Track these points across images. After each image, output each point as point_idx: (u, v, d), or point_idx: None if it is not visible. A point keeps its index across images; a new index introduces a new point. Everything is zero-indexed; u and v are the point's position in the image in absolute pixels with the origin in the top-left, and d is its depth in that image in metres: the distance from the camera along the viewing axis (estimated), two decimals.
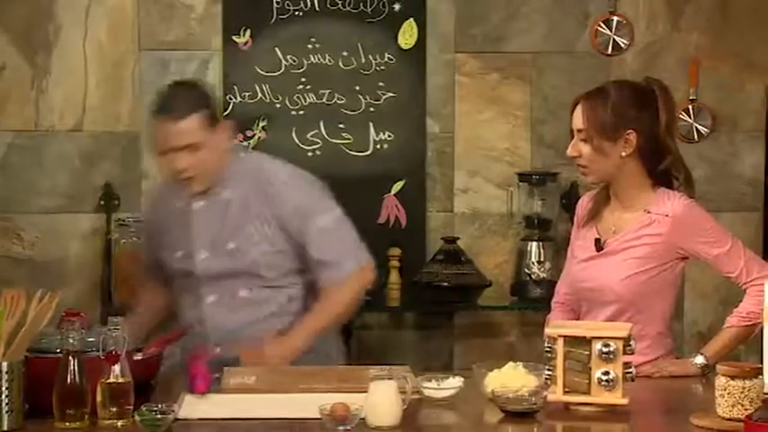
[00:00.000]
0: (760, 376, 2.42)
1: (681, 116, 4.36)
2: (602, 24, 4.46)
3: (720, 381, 2.43)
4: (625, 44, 4.47)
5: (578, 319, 3.08)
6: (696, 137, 4.46)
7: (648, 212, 3.00)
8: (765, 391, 2.37)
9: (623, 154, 2.98)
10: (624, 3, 4.47)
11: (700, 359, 2.96)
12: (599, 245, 3.05)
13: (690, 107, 4.45)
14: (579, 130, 2.98)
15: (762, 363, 2.46)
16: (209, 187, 3.16)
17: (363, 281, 3.22)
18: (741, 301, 3.00)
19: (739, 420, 2.34)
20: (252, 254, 3.14)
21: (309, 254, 3.16)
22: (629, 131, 2.96)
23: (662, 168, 3.02)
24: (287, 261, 3.18)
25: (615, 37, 4.46)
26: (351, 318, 3.41)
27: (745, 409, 2.36)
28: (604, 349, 2.54)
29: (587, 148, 2.98)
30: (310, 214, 3.16)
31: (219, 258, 3.16)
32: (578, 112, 3.00)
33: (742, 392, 2.39)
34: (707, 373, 2.91)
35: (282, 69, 4.42)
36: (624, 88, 3.02)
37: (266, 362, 2.99)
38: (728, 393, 2.41)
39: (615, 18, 4.46)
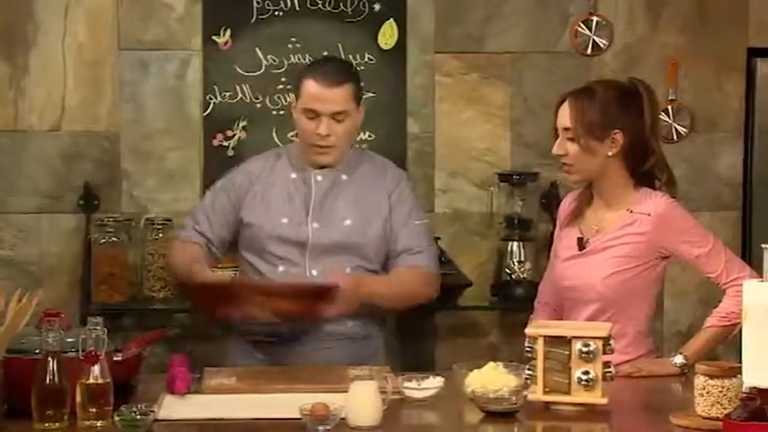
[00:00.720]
0: (739, 375, 2.43)
1: (660, 116, 4.37)
2: (582, 25, 4.47)
3: (699, 380, 2.44)
4: (604, 44, 4.48)
5: (561, 319, 3.09)
6: (675, 137, 4.48)
7: (631, 212, 3.01)
8: (744, 390, 2.38)
9: (609, 153, 2.99)
10: (603, 3, 4.49)
11: (679, 359, 2.97)
12: (581, 244, 3.06)
13: (669, 107, 4.47)
14: (566, 129, 2.99)
15: (740, 362, 2.48)
16: (336, 162, 3.23)
17: (432, 288, 3.30)
18: (721, 301, 3.01)
19: (718, 419, 2.35)
20: (368, 233, 3.20)
21: (399, 243, 3.23)
22: (615, 131, 2.98)
23: (645, 168, 3.04)
24: (383, 248, 3.23)
25: (595, 37, 4.47)
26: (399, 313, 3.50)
27: (724, 409, 2.38)
28: (584, 349, 2.55)
29: (574, 147, 2.98)
30: (414, 210, 3.29)
31: (332, 232, 3.19)
32: (565, 110, 3.00)
33: (721, 392, 2.41)
34: (686, 372, 2.92)
35: (263, 69, 4.41)
36: (611, 88, 3.03)
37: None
38: (708, 392, 2.42)
39: (595, 18, 4.47)
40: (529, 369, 2.60)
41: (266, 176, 3.28)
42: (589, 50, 4.48)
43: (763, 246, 2.50)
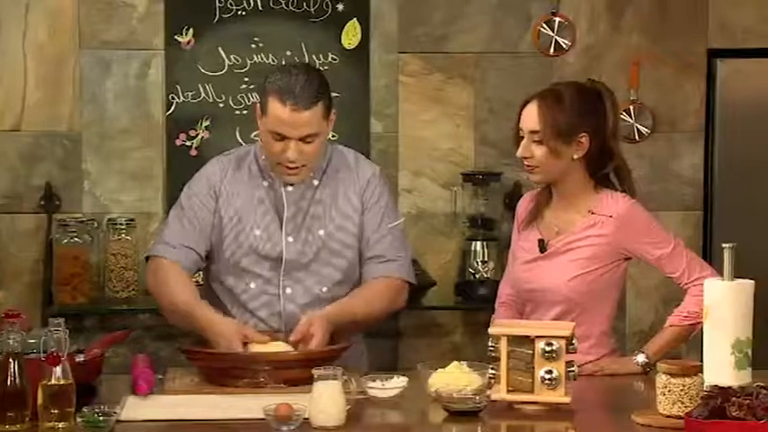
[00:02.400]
0: (700, 374, 2.45)
1: (622, 116, 4.40)
2: (545, 25, 4.49)
3: (661, 379, 2.46)
4: (567, 45, 4.50)
5: (522, 319, 3.10)
6: (637, 137, 4.51)
7: (592, 213, 3.02)
8: (705, 388, 2.40)
9: (575, 156, 3.00)
10: (565, 4, 4.51)
11: (641, 357, 2.99)
12: (542, 246, 3.07)
13: (630, 107, 4.49)
14: (533, 132, 2.99)
15: (702, 361, 2.50)
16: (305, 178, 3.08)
17: (403, 297, 3.16)
18: (682, 300, 3.03)
19: (680, 417, 2.37)
20: (345, 240, 3.08)
21: (371, 250, 3.10)
22: (582, 135, 2.99)
23: (606, 171, 3.05)
24: (354, 258, 3.12)
25: (557, 38, 4.49)
26: (373, 328, 3.27)
27: (686, 407, 2.39)
28: (547, 348, 2.56)
29: (541, 149, 2.99)
30: (388, 211, 3.15)
31: (307, 246, 3.07)
32: (532, 113, 3.00)
33: (682, 390, 2.43)
34: (648, 371, 2.94)
35: (225, 69, 4.40)
36: (577, 91, 3.03)
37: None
38: (669, 391, 2.44)
39: (557, 19, 4.49)
40: (492, 368, 2.61)
41: (232, 185, 3.10)
42: (551, 51, 4.50)
43: (724, 245, 2.52)
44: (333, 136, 4.39)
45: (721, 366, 2.46)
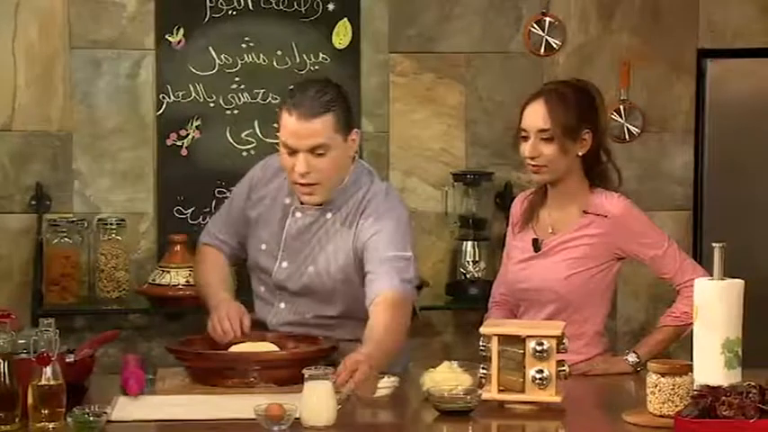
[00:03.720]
0: (690, 373, 2.46)
1: (612, 116, 4.41)
2: (535, 25, 4.50)
3: (651, 378, 2.46)
4: (557, 45, 4.50)
5: (516, 319, 3.10)
6: (627, 137, 4.51)
7: (587, 213, 3.03)
8: (695, 387, 2.41)
9: (580, 153, 3.01)
10: (556, 4, 4.51)
11: (632, 357, 3.00)
12: (537, 245, 3.07)
13: (621, 107, 4.50)
14: (541, 130, 2.99)
15: (692, 360, 2.50)
16: (323, 200, 2.96)
17: (403, 307, 2.92)
18: (674, 300, 3.04)
19: (670, 417, 2.37)
20: (327, 283, 2.99)
21: (369, 270, 2.92)
22: (586, 131, 3.00)
23: (600, 169, 3.06)
24: (353, 292, 2.98)
25: (548, 38, 4.50)
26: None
27: (676, 406, 2.40)
28: (538, 348, 2.57)
29: (550, 148, 2.99)
30: (386, 245, 2.93)
31: (296, 276, 3.04)
32: (538, 111, 2.99)
33: (672, 389, 2.43)
34: (639, 370, 2.95)
35: (216, 69, 4.39)
36: (575, 89, 3.05)
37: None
38: (659, 390, 2.44)
39: (547, 19, 4.49)
40: (483, 368, 2.61)
41: (264, 192, 3.10)
42: (542, 51, 4.50)
43: (714, 244, 2.53)
44: None
45: (711, 366, 2.47)
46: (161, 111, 4.38)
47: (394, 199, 3.06)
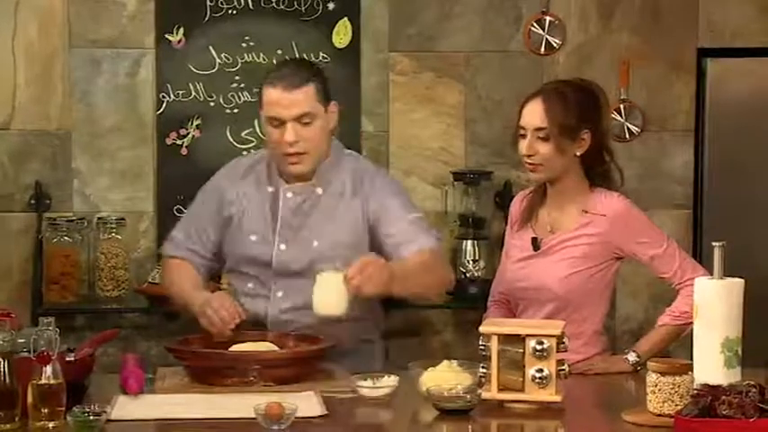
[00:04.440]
0: (690, 372, 2.46)
1: (612, 115, 4.41)
2: (535, 24, 4.50)
3: (651, 377, 2.46)
4: (558, 44, 4.50)
5: (515, 317, 3.10)
6: (627, 136, 4.51)
7: (586, 212, 3.03)
8: (695, 386, 2.41)
9: (577, 153, 3.01)
10: (556, 3, 4.51)
11: (632, 356, 3.00)
12: (536, 244, 3.07)
13: (621, 107, 4.50)
14: (538, 129, 2.99)
15: (692, 359, 2.50)
16: (311, 171, 3.07)
17: (449, 269, 3.19)
18: (674, 299, 3.04)
19: (670, 416, 2.37)
20: (338, 254, 3.02)
21: (390, 241, 3.04)
22: (585, 131, 3.00)
23: (601, 169, 3.06)
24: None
25: (548, 37, 4.50)
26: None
27: (676, 405, 2.40)
28: (538, 347, 2.57)
29: (546, 147, 2.99)
30: (401, 209, 3.10)
31: (299, 255, 3.07)
32: (536, 110, 3.00)
33: (672, 388, 2.43)
34: (639, 369, 2.95)
35: (216, 68, 4.39)
36: (576, 88, 3.04)
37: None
38: (659, 390, 2.44)
39: (548, 18, 4.49)
40: (483, 367, 2.61)
41: (246, 186, 3.15)
42: (542, 50, 4.51)
43: (714, 244, 2.53)
44: None
45: (711, 365, 2.47)
46: (161, 110, 4.38)
47: (385, 171, 3.25)
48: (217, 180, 3.24)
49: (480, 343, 2.62)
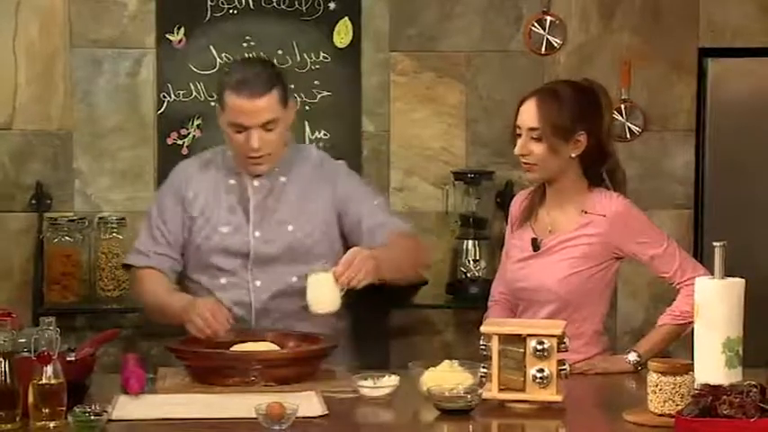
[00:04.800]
0: (691, 372, 2.46)
1: (613, 115, 4.40)
2: (536, 24, 4.49)
3: (652, 377, 2.46)
4: (558, 44, 4.50)
5: (515, 317, 3.10)
6: (628, 136, 4.51)
7: (586, 212, 3.03)
8: (696, 386, 2.41)
9: (573, 155, 3.00)
10: (557, 3, 4.51)
11: (633, 356, 2.99)
12: (536, 244, 3.07)
13: (622, 106, 4.50)
14: (532, 129, 2.99)
15: (692, 359, 2.50)
16: (272, 168, 3.13)
17: (426, 251, 3.33)
18: (674, 299, 3.04)
19: (671, 416, 2.37)
20: (314, 235, 3.11)
21: (363, 225, 3.12)
22: (580, 133, 2.99)
23: (601, 170, 3.06)
24: (336, 245, 3.15)
25: (549, 36, 4.50)
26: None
27: (677, 405, 2.40)
28: (539, 347, 2.57)
29: (540, 147, 2.98)
30: (367, 195, 3.21)
31: (275, 240, 3.10)
32: (530, 110, 2.99)
33: (673, 388, 2.43)
34: (640, 369, 2.94)
35: (217, 67, 4.39)
36: (575, 89, 3.03)
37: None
38: (660, 389, 2.44)
39: (548, 18, 4.49)
40: (484, 367, 2.61)
41: (204, 182, 3.18)
42: (543, 50, 4.51)
43: (715, 243, 2.53)
44: (325, 135, 4.43)
45: (712, 365, 2.46)
46: (162, 110, 4.38)
47: (344, 162, 3.33)
48: (172, 183, 3.23)
49: (481, 343, 2.62)
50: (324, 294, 2.83)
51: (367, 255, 2.92)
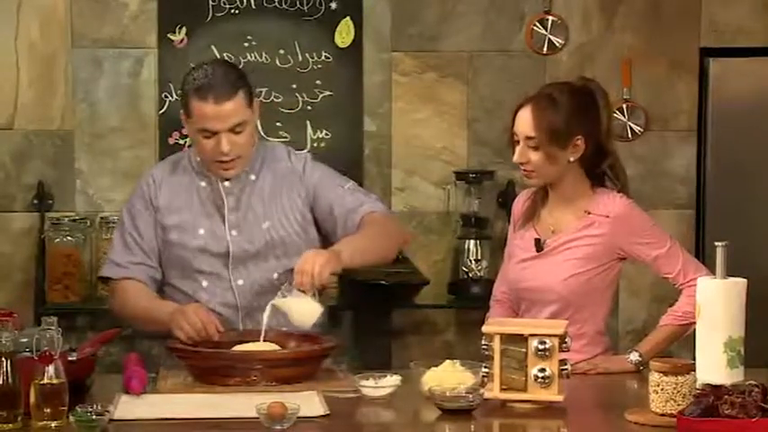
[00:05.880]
0: (692, 372, 2.46)
1: (614, 115, 4.40)
2: (538, 24, 4.50)
3: (654, 377, 2.46)
4: (560, 43, 4.50)
5: (517, 317, 3.10)
6: (630, 135, 4.51)
7: (589, 213, 3.02)
8: (697, 386, 2.41)
9: (571, 159, 3.00)
10: (558, 3, 4.51)
11: (635, 356, 2.99)
12: (539, 245, 3.07)
13: (623, 106, 4.50)
14: (529, 138, 2.98)
15: (694, 359, 2.50)
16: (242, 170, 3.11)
17: (402, 228, 3.31)
18: (676, 300, 3.04)
19: (672, 416, 2.37)
20: (290, 230, 3.11)
21: (337, 210, 3.12)
22: (577, 138, 2.98)
23: (601, 169, 3.05)
24: (313, 236, 3.15)
25: (550, 36, 4.50)
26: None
27: (678, 405, 2.40)
28: (540, 347, 2.56)
29: (537, 155, 2.98)
30: (335, 181, 3.19)
31: (253, 238, 3.09)
32: (526, 118, 2.98)
33: (675, 388, 2.43)
34: (641, 369, 2.94)
35: None
36: (570, 93, 3.00)
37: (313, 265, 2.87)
38: (662, 389, 2.44)
39: (550, 18, 4.49)
40: (486, 367, 2.61)
41: (174, 186, 3.14)
42: (545, 49, 4.51)
43: (717, 243, 2.52)
44: (326, 135, 4.43)
45: (714, 364, 2.46)
46: (163, 109, 4.38)
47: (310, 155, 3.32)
48: (142, 191, 3.17)
49: (483, 342, 2.62)
50: (301, 309, 2.84)
51: (314, 253, 2.91)
